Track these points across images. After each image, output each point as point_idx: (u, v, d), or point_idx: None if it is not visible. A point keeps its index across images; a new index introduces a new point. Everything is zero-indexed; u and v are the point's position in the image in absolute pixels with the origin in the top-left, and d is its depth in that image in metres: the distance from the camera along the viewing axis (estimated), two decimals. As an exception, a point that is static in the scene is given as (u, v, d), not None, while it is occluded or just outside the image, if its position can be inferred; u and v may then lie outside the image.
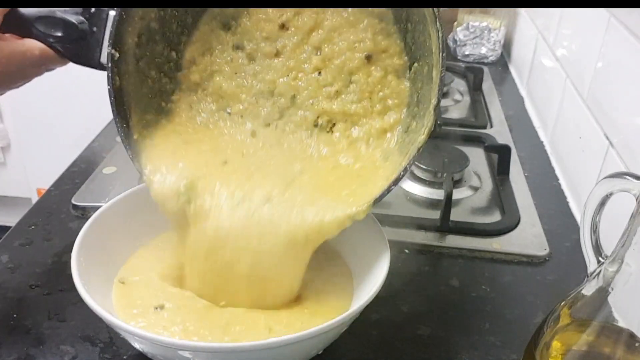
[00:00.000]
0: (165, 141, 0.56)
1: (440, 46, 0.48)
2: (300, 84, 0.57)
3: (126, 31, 0.54)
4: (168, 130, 0.57)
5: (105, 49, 0.54)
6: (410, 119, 0.53)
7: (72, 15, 0.57)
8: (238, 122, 0.58)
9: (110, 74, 0.53)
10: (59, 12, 0.57)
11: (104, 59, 0.56)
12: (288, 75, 0.57)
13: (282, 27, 0.57)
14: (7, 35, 0.56)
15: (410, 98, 0.54)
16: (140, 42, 0.55)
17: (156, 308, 0.50)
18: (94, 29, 0.58)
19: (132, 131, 0.55)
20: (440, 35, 0.48)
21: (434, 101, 0.49)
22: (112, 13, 0.57)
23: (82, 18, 0.57)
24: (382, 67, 0.55)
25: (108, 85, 0.53)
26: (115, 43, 0.53)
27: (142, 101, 0.56)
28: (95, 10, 0.58)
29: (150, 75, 0.57)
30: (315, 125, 0.57)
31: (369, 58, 0.55)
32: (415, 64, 0.54)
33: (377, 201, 0.49)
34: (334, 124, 0.56)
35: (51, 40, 0.57)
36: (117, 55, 0.53)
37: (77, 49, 0.58)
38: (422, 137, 0.49)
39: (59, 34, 0.57)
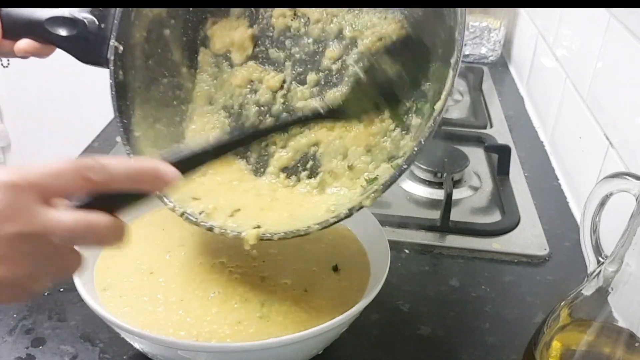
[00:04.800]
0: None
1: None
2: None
3: (132, 24, 0.53)
4: None
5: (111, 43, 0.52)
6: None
7: (82, 14, 0.55)
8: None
9: (112, 67, 0.52)
10: (71, 11, 0.55)
11: (110, 54, 0.54)
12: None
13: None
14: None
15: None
16: (149, 37, 0.54)
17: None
18: (102, 25, 0.55)
19: (133, 127, 0.54)
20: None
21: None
22: None
23: (92, 17, 0.55)
24: None
25: (110, 79, 0.52)
26: (120, 35, 0.52)
27: (150, 102, 0.55)
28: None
29: (162, 82, 0.56)
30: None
31: None
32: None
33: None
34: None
35: (58, 39, 0.55)
36: (121, 48, 0.52)
37: (85, 47, 0.56)
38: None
39: (66, 34, 0.55)
